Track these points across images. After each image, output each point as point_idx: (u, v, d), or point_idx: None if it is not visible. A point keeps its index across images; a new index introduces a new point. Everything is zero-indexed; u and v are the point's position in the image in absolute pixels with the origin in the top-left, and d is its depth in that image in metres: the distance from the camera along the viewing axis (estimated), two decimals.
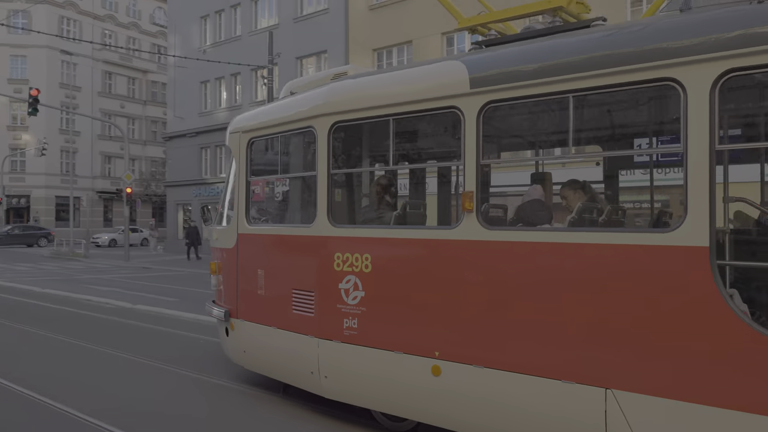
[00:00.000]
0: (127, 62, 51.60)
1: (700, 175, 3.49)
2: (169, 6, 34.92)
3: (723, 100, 3.58)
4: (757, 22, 3.36)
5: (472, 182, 4.39)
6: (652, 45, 3.70)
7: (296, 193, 6.41)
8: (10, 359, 8.07)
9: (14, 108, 46.17)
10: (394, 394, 4.97)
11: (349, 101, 5.24)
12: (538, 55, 4.24)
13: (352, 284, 5.18)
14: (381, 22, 24.00)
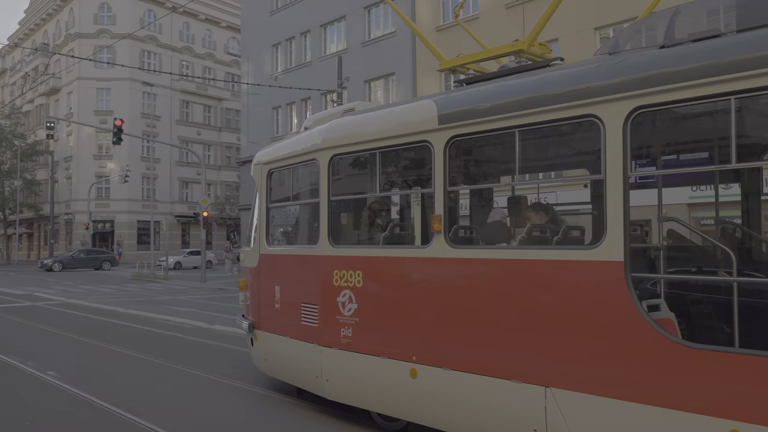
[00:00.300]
0: (203, 91, 53.80)
1: (616, 198, 3.99)
2: (243, 36, 36.24)
3: (635, 132, 4.08)
4: (660, 65, 3.90)
5: (440, 207, 5.01)
6: (578, 86, 4.25)
7: (305, 217, 7.19)
8: (100, 377, 8.39)
9: (100, 138, 48.87)
10: (381, 395, 5.63)
11: (344, 137, 6.02)
12: (490, 95, 4.87)
13: (347, 297, 5.89)
14: (448, 42, 24.00)
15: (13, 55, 63.06)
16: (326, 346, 6.08)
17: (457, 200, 6.45)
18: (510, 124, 4.62)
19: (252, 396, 7.37)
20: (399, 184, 6.47)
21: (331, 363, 6.04)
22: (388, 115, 5.88)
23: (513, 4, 21.88)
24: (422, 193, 6.18)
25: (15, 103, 56.50)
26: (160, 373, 8.71)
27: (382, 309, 5.62)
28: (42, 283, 27.86)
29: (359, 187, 6.48)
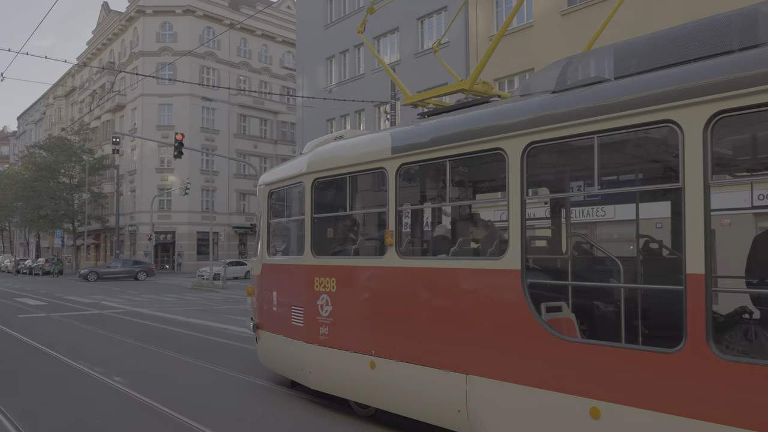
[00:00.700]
0: (260, 105, 55.05)
1: (516, 219, 4.81)
2: (298, 50, 36.95)
3: (530, 164, 4.87)
4: (547, 108, 4.72)
5: (392, 224, 5.96)
6: (490, 124, 5.12)
7: (295, 231, 8.00)
8: (162, 383, 8.64)
9: (162, 152, 50.58)
10: (351, 384, 6.58)
11: (324, 163, 7.01)
12: (429, 131, 5.79)
13: (325, 301, 6.88)
14: (502, 51, 23.81)
15: (81, 73, 66.08)
16: (309, 342, 7.11)
17: (419, 216, 7.36)
18: (442, 155, 5.56)
19: (305, 403, 7.44)
20: (365, 203, 7.23)
21: (313, 357, 7.05)
22: (356, 145, 6.84)
23: (568, 10, 21.57)
24: (379, 212, 6.95)
25: (84, 120, 59.15)
26: (219, 380, 8.91)
27: (349, 310, 6.61)
28: (108, 292, 28.94)
29: (336, 206, 7.38)
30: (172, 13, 51.65)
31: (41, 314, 18.50)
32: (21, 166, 62.06)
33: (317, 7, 34.29)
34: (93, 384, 8.68)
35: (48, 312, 19.11)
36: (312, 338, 7.04)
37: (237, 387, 8.48)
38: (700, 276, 3.75)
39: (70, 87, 68.90)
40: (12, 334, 13.86)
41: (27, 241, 77.01)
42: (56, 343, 12.40)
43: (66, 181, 54.61)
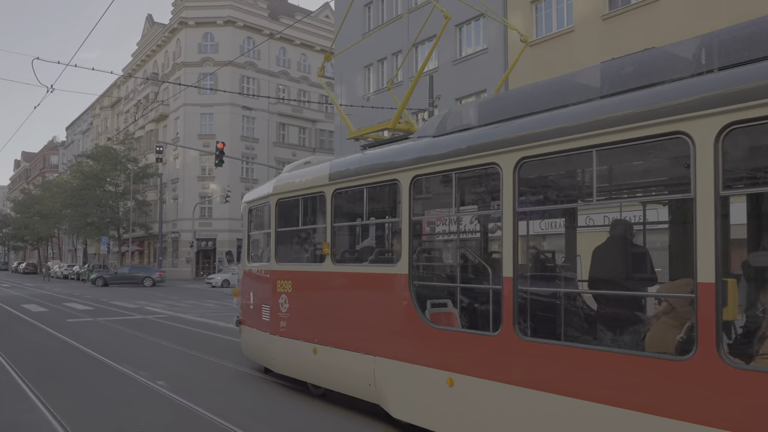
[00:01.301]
0: (299, 113, 55.68)
1: (406, 235, 6.22)
2: (336, 58, 37.25)
3: (414, 192, 6.23)
4: (428, 150, 6.07)
5: (328, 237, 7.46)
6: (387, 161, 6.62)
7: (265, 242, 9.35)
8: (203, 387, 8.76)
9: (203, 160, 51.58)
10: (302, 367, 8.03)
11: (284, 187, 8.52)
12: (353, 162, 7.17)
13: (284, 300, 8.35)
14: (541, 57, 23.62)
15: (126, 84, 67.95)
16: (273, 334, 8.58)
17: (350, 230, 8.66)
18: (360, 183, 6.94)
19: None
20: (312, 220, 8.51)
21: (275, 346, 8.54)
22: (308, 172, 8.21)
23: (610, 15, 21.24)
24: (322, 227, 8.16)
25: (128, 130, 60.76)
26: (259, 385, 9.02)
27: (300, 306, 8.09)
28: (151, 297, 29.56)
29: (294, 221, 8.67)
30: (214, 24, 52.72)
31: (88, 319, 19.00)
32: (69, 174, 63.99)
33: (355, 15, 34.55)
34: (137, 387, 8.86)
35: (95, 317, 19.61)
36: (275, 331, 8.55)
37: (274, 391, 8.55)
38: None
39: (115, 98, 70.88)
40: (61, 338, 14.27)
41: (75, 248, 79.32)
42: (102, 347, 12.71)
43: (112, 190, 56.13)
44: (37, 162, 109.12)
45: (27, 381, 9.15)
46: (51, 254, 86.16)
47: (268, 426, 6.95)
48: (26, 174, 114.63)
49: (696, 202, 3.88)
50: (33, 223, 72.92)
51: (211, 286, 39.95)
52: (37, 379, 9.28)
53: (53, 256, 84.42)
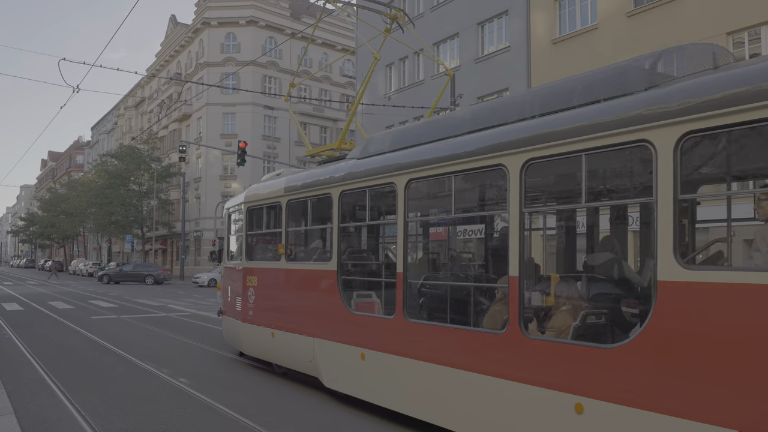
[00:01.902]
0: (320, 113, 55.82)
1: (335, 236, 7.65)
2: (357, 58, 37.30)
3: (342, 204, 7.76)
4: (354, 169, 7.54)
5: (283, 239, 9.02)
6: (324, 177, 8.07)
7: (239, 243, 10.80)
8: (225, 385, 8.81)
9: (225, 159, 51.97)
10: (263, 349, 9.65)
11: (253, 197, 10.10)
12: (301, 179, 8.79)
13: (251, 292, 9.96)
14: (564, 55, 23.38)
15: (150, 85, 68.71)
16: (243, 321, 10.22)
17: (300, 234, 9.98)
18: (306, 195, 8.63)
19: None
20: (273, 224, 9.76)
21: (245, 332, 10.19)
22: (270, 184, 9.72)
23: (635, 11, 20.93)
24: (273, 233, 9.84)
25: (152, 129, 61.44)
26: (280, 384, 9.05)
27: (262, 298, 9.69)
28: (174, 295, 29.85)
29: (260, 226, 10.16)
30: (236, 24, 53.07)
31: (112, 316, 19.23)
32: (94, 174, 64.90)
33: (377, 14, 34.48)
34: (160, 384, 8.93)
35: (118, 314, 19.85)
36: (245, 318, 10.16)
37: (294, 392, 8.56)
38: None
39: (139, 98, 71.73)
40: (86, 335, 14.45)
41: (99, 246, 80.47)
42: (126, 344, 12.85)
43: (135, 189, 56.79)
44: (63, 161, 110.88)
45: (53, 377, 9.28)
46: (77, 252, 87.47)
47: (292, 426, 6.94)
48: (53, 173, 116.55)
49: (510, 217, 5.42)
50: (59, 222, 74.12)
51: (198, 285, 39.27)
52: (64, 376, 9.40)
53: (78, 254, 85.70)
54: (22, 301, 25.25)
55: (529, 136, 5.28)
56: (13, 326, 16.08)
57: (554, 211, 7.78)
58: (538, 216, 7.85)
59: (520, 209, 5.30)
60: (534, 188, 6.37)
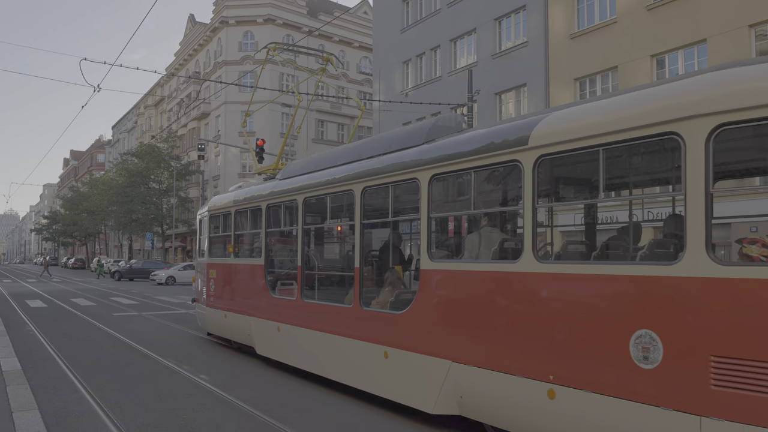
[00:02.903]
0: (337, 110, 55.93)
1: (262, 239, 10.37)
2: (374, 55, 37.28)
3: (269, 215, 10.36)
4: (275, 188, 10.26)
5: (232, 240, 11.74)
6: (256, 194, 10.77)
7: (206, 243, 13.29)
8: (245, 382, 8.88)
9: (243, 157, 52.28)
10: (219, 327, 12.29)
11: (213, 206, 12.77)
12: (243, 194, 11.38)
13: (213, 283, 12.52)
14: (583, 49, 23.17)
15: (170, 84, 69.30)
16: (207, 306, 12.86)
17: (242, 237, 12.23)
18: (246, 206, 11.18)
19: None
20: (226, 228, 12.43)
21: (208, 315, 12.85)
22: (223, 197, 12.62)
23: (655, 5, 20.67)
24: (226, 235, 12.39)
25: (171, 128, 61.97)
26: (299, 382, 9.11)
27: (219, 287, 12.33)
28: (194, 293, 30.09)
29: (219, 230, 12.75)
30: (254, 23, 53.33)
31: (133, 313, 19.48)
32: (115, 172, 65.64)
33: (393, 11, 34.48)
34: (180, 381, 9.04)
35: (140, 311, 20.09)
36: (208, 304, 12.82)
37: (314, 390, 8.60)
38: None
39: (159, 97, 72.38)
40: (108, 331, 14.66)
41: (120, 244, 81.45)
42: (147, 341, 13.01)
43: (155, 187, 57.35)
44: (85, 160, 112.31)
45: (76, 373, 9.43)
46: (98, 250, 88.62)
47: (316, 426, 6.99)
48: (75, 172, 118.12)
49: (356, 226, 7.92)
50: (81, 220, 75.14)
51: (156, 283, 38.46)
52: (86, 372, 9.55)
53: (100, 252, 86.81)
54: (46, 298, 25.66)
55: (363, 171, 7.88)
56: (36, 323, 16.35)
57: (380, 224, 9.47)
58: (374, 225, 9.52)
59: (361, 221, 7.90)
60: (368, 207, 8.16)
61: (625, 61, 21.44)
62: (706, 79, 4.36)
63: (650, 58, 20.66)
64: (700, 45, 19.48)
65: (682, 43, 19.82)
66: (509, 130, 5.80)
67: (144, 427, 6.58)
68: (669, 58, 20.35)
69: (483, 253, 6.41)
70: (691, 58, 19.78)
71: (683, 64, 19.97)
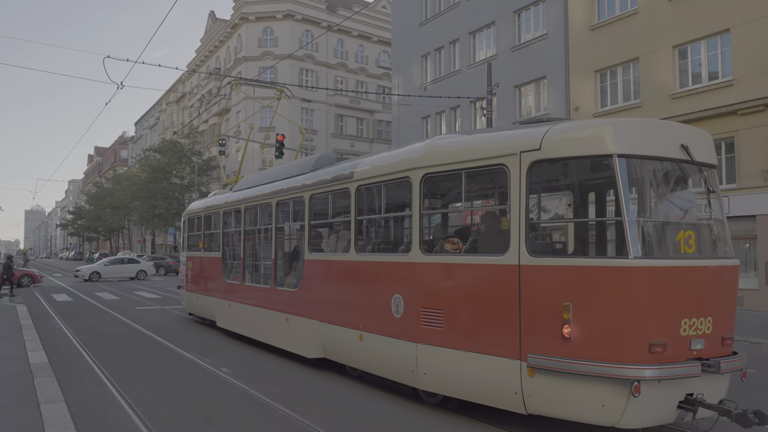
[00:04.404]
0: (356, 105, 55.92)
1: (219, 238, 13.89)
2: (393, 49, 37.22)
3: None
4: (229, 198, 13.86)
5: (203, 238, 15.14)
6: (212, 204, 14.89)
7: (187, 240, 16.56)
8: (264, 376, 9.00)
9: (264, 152, 52.57)
10: (195, 308, 15.65)
11: (190, 210, 16.47)
12: (211, 201, 15.13)
13: (190, 272, 16.06)
14: (603, 41, 22.90)
15: (191, 80, 69.85)
16: (188, 291, 16.05)
17: (210, 235, 14.91)
18: (212, 211, 14.54)
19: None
20: (199, 228, 15.42)
21: (188, 298, 16.12)
22: (200, 202, 15.82)
23: None
24: (200, 233, 15.48)
25: (193, 124, 62.50)
26: (321, 376, 9.18)
27: (194, 275, 15.61)
28: None
29: (195, 229, 15.91)
30: (273, 19, 53.48)
31: (156, 307, 19.77)
32: (138, 168, 66.42)
33: (412, 5, 34.36)
34: (202, 374, 9.19)
35: (162, 305, 20.39)
36: (188, 289, 16.10)
37: (336, 384, 8.68)
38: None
39: (180, 93, 73.03)
40: (131, 325, 14.92)
41: (143, 239, 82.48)
42: (169, 334, 13.22)
43: (177, 182, 57.94)
44: (109, 156, 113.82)
45: (101, 366, 9.62)
46: (122, 245, 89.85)
47: (335, 421, 7.07)
48: (98, 168, 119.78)
49: (272, 228, 11.11)
50: (105, 215, 76.22)
51: (82, 279, 35.69)
52: (110, 364, 9.75)
53: (124, 247, 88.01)
54: (71, 293, 26.13)
55: (277, 189, 10.89)
56: (62, 317, 16.69)
57: (286, 227, 11.21)
58: (283, 228, 11.21)
59: (275, 225, 10.96)
60: (279, 215, 10.99)
61: (647, 52, 21.16)
62: (523, 131, 6.36)
63: (672, 49, 20.36)
64: (724, 35, 19.15)
65: (704, 33, 19.50)
66: (346, 168, 8.79)
67: (167, 419, 6.71)
68: (692, 49, 20.04)
69: (339, 247, 9.05)
70: (714, 49, 19.45)
71: (706, 55, 19.65)
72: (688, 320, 5.53)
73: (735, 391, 6.27)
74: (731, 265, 6.04)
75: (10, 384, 7.90)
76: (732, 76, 18.79)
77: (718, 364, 5.51)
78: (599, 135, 5.81)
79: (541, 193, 7.39)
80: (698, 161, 6.03)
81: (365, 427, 6.58)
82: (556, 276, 5.76)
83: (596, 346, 5.48)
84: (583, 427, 6.04)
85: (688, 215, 6.14)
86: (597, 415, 5.52)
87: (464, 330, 6.46)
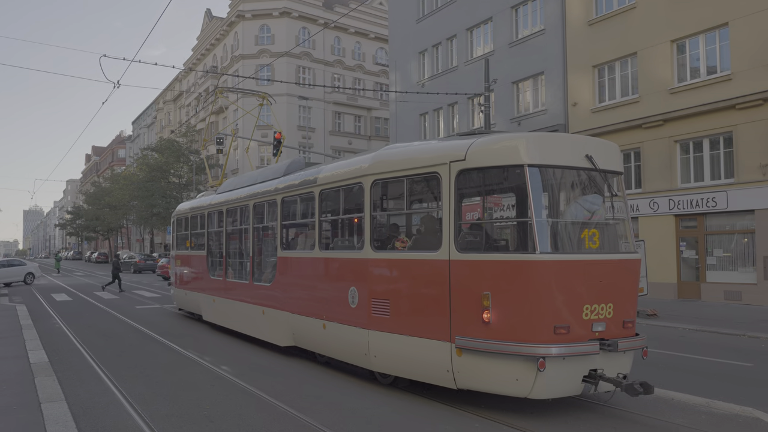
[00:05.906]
0: (354, 102, 55.84)
1: (205, 237, 14.80)
2: (390, 46, 37.17)
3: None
4: (213, 200, 14.85)
5: (189, 237, 16.21)
6: (197, 205, 16.00)
7: (177, 240, 17.51)
8: (264, 374, 8.98)
9: (261, 150, 52.52)
10: (183, 302, 16.73)
11: (178, 210, 17.55)
12: (197, 203, 16.19)
13: (179, 269, 17.08)
14: (601, 36, 22.89)
15: (188, 78, 69.73)
16: (176, 287, 17.22)
17: (196, 235, 15.77)
18: (198, 212, 15.51)
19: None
20: (186, 228, 16.38)
21: (176, 293, 17.26)
22: (188, 204, 16.93)
23: None
24: (187, 233, 16.46)
25: (190, 122, 62.42)
26: (323, 374, 9.18)
27: (182, 271, 16.69)
28: None
29: (182, 228, 16.79)
30: (270, 16, 53.37)
31: (155, 306, 19.76)
32: (136, 167, 66.32)
33: (409, 2, 34.30)
34: (202, 371, 9.18)
35: (161, 304, 20.37)
36: (177, 285, 17.00)
37: (338, 382, 8.67)
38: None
39: (177, 92, 72.88)
40: (131, 324, 14.90)
41: (142, 238, 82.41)
42: (169, 333, 13.21)
43: (175, 181, 57.84)
44: (106, 156, 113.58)
45: (101, 364, 9.62)
46: (120, 244, 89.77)
47: (331, 413, 7.07)
48: (96, 167, 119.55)
49: (251, 227, 12.00)
50: (103, 215, 76.11)
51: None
52: (110, 363, 9.74)
53: (122, 246, 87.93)
54: (71, 292, 26.10)
55: (254, 192, 11.77)
56: (62, 316, 16.68)
57: (262, 227, 11.83)
58: (260, 229, 11.86)
59: (253, 225, 11.80)
60: (256, 216, 11.78)
61: (645, 46, 21.15)
62: (453, 143, 7.17)
63: (670, 44, 20.35)
64: (722, 29, 19.15)
65: (703, 27, 19.50)
66: (311, 173, 9.69)
67: (168, 417, 6.70)
68: (690, 43, 20.03)
69: (307, 245, 9.95)
70: (713, 43, 19.45)
71: (704, 49, 19.65)
72: (589, 306, 6.33)
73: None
74: (632, 259, 6.91)
75: (11, 383, 7.90)
76: (730, 71, 18.79)
77: (616, 344, 6.31)
78: (513, 147, 6.66)
79: (468, 197, 8.22)
80: (602, 168, 6.91)
81: (365, 427, 6.58)
82: (478, 269, 6.64)
83: (510, 328, 6.31)
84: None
85: (596, 216, 6.97)
86: (512, 387, 6.37)
87: (406, 317, 7.35)
